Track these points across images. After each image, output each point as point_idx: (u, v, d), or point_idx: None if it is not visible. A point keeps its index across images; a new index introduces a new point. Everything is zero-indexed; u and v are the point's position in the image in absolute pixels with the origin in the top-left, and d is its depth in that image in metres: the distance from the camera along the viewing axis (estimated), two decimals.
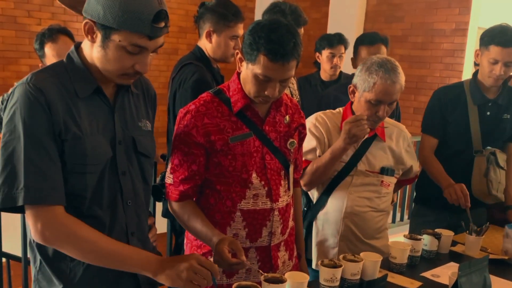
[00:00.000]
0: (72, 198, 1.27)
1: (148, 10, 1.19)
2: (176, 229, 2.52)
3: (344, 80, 3.20)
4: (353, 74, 2.01)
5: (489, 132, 2.35)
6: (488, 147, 2.33)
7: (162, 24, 1.24)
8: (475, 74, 2.39)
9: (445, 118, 2.41)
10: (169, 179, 1.60)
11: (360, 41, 2.75)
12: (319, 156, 1.97)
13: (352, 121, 1.83)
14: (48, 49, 2.28)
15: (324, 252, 2.01)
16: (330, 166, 1.92)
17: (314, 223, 2.05)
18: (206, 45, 2.33)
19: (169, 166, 1.59)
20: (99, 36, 1.23)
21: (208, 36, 2.30)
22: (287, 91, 2.54)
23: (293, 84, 2.74)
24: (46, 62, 2.31)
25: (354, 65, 2.77)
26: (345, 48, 3.42)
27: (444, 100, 2.42)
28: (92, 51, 1.26)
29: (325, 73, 3.44)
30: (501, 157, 2.33)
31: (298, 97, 2.78)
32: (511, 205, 2.37)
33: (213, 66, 2.37)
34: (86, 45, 1.29)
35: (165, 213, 2.49)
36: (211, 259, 1.59)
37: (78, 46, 1.32)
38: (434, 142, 2.43)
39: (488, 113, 2.36)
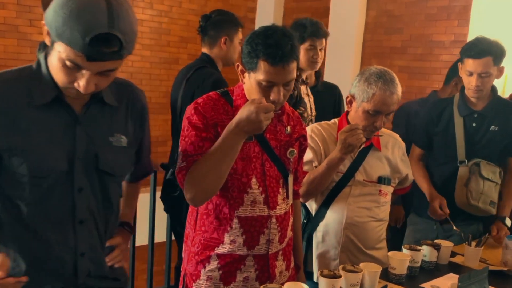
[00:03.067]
0: (10, 204, 1.23)
1: (90, 29, 1.08)
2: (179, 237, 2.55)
3: (321, 88, 3.05)
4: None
5: (475, 143, 2.36)
6: (475, 158, 2.33)
7: (110, 49, 1.12)
8: (463, 88, 2.42)
9: (432, 131, 2.47)
10: (182, 164, 1.51)
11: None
12: (316, 167, 1.98)
13: (347, 131, 1.85)
14: None
15: (326, 264, 2.01)
16: (327, 176, 1.93)
17: (314, 235, 2.04)
18: (220, 52, 2.61)
19: (181, 155, 1.53)
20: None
21: (224, 43, 2.59)
22: (308, 104, 2.65)
23: (311, 97, 2.77)
24: None
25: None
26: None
27: (431, 113, 2.48)
28: None
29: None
30: (487, 168, 2.32)
31: (315, 112, 2.80)
32: (500, 216, 2.36)
33: (220, 71, 2.62)
34: None
35: (167, 209, 2.72)
36: (209, 266, 1.60)
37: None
38: (420, 151, 2.54)
39: (474, 124, 2.37)
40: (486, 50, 2.23)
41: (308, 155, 1.94)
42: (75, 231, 1.30)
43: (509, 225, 2.33)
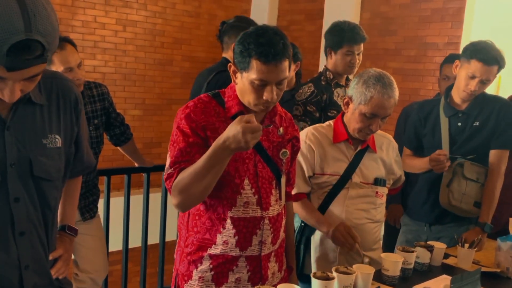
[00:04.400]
0: None
1: (4, 37, 0.98)
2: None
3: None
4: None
5: (461, 143, 2.35)
6: (460, 159, 2.32)
7: (31, 55, 1.03)
8: (448, 88, 2.41)
9: (420, 132, 2.47)
10: (169, 170, 1.51)
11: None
12: (308, 176, 1.99)
13: (344, 230, 1.88)
14: (57, 57, 2.29)
15: (325, 267, 1.98)
16: (310, 223, 2.01)
17: (312, 238, 2.04)
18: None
19: (169, 160, 1.52)
20: None
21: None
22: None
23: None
24: (53, 70, 2.32)
25: None
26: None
27: (419, 115, 2.48)
28: None
29: None
30: (471, 169, 2.31)
31: None
32: (480, 222, 2.27)
33: None
34: None
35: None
36: (201, 267, 1.60)
37: None
38: (411, 153, 2.55)
39: (459, 124, 2.36)
40: (496, 59, 2.20)
41: (298, 165, 1.93)
42: (17, 244, 1.23)
43: (488, 231, 2.27)
